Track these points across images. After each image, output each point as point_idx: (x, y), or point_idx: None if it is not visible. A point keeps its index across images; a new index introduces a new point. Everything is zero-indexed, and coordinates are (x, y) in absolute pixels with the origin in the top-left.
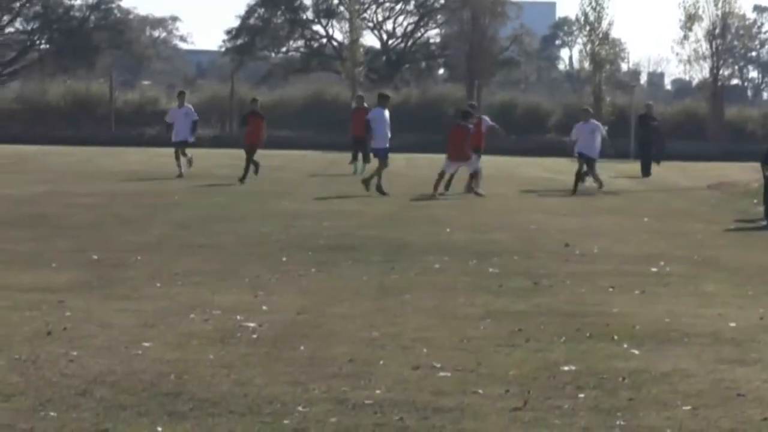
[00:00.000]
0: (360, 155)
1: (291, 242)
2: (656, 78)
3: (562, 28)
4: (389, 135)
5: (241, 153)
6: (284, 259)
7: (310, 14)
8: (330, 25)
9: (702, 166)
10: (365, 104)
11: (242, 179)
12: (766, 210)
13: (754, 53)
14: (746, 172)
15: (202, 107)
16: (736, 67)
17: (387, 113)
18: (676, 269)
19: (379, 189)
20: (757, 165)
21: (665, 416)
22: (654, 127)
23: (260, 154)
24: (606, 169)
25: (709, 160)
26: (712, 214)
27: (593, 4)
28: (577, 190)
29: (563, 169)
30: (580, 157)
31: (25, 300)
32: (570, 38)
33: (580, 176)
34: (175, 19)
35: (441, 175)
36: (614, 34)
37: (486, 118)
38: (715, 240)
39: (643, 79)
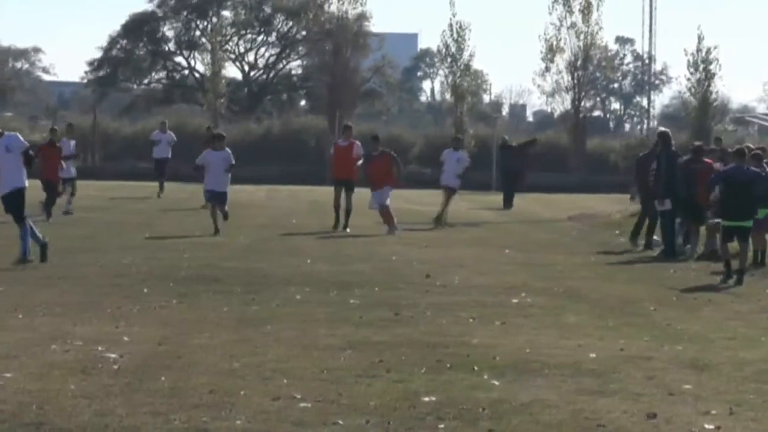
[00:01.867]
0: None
1: (152, 274)
2: (518, 109)
3: (424, 60)
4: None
5: (104, 184)
6: (145, 290)
7: (172, 46)
8: (192, 56)
9: (563, 197)
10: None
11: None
12: (635, 236)
13: (615, 85)
14: (608, 204)
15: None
16: (598, 99)
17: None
18: (537, 300)
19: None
20: (620, 196)
21: None
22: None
23: (117, 186)
24: (468, 201)
25: (570, 192)
26: (573, 245)
27: (454, 35)
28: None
29: (425, 200)
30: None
31: None
32: (432, 70)
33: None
34: (37, 50)
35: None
36: (476, 65)
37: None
38: (576, 272)
39: (505, 110)
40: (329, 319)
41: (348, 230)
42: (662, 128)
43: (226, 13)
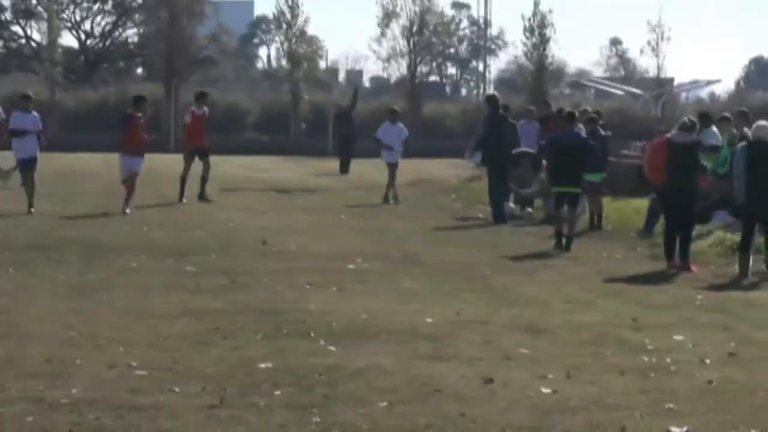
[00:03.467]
0: None
1: None
2: (355, 75)
3: (260, 27)
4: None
5: None
6: None
7: (8, 15)
8: (28, 25)
9: (402, 162)
10: None
11: None
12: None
13: (452, 50)
14: (445, 168)
15: None
16: (434, 64)
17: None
18: (374, 266)
19: None
20: (457, 161)
21: (361, 412)
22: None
23: None
24: (305, 167)
25: (408, 158)
26: (411, 211)
27: (289, 2)
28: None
29: (263, 167)
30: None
31: None
32: (268, 36)
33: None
34: None
35: None
36: (311, 31)
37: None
38: (413, 237)
39: (342, 76)
40: (165, 286)
41: (209, 199)
42: (490, 92)
43: None
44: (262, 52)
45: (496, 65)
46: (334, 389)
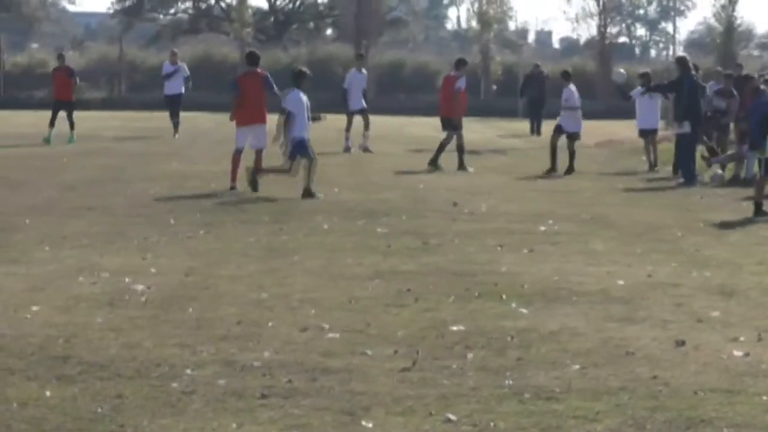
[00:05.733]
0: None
1: (179, 204)
2: (544, 36)
3: None
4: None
5: (131, 115)
6: (172, 221)
7: None
8: None
9: (590, 124)
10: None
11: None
12: (676, 167)
13: (641, 11)
14: (634, 130)
15: (90, 69)
16: (624, 25)
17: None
18: (565, 228)
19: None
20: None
21: (554, 375)
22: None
23: (145, 117)
24: (494, 128)
25: (597, 119)
26: (600, 172)
27: None
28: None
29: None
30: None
31: None
32: None
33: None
34: None
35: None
36: None
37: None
38: (603, 198)
39: (531, 38)
40: (356, 248)
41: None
42: (680, 53)
43: None
44: (452, 12)
45: (685, 26)
46: (527, 352)
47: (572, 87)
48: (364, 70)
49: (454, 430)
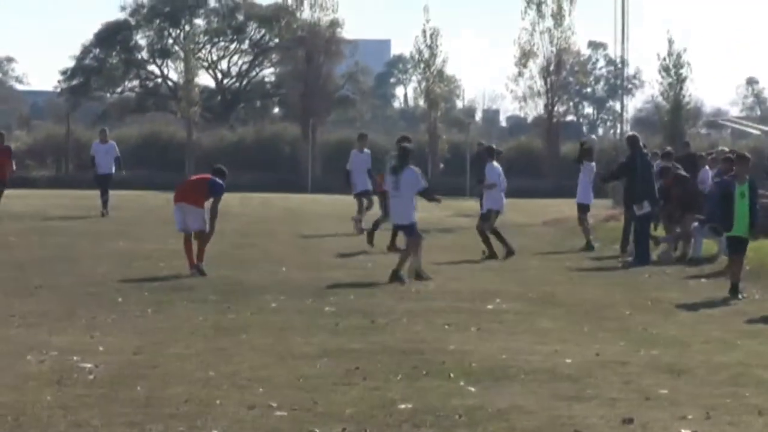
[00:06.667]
0: None
1: (127, 283)
2: (491, 115)
3: (396, 66)
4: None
5: (79, 193)
6: (120, 300)
7: (145, 54)
8: (165, 65)
9: (537, 202)
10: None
11: None
12: (623, 245)
13: (588, 89)
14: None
15: (38, 148)
16: (571, 104)
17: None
18: (512, 306)
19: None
20: (594, 202)
21: None
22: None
23: (92, 195)
24: (443, 208)
25: (544, 197)
26: (548, 250)
27: (427, 41)
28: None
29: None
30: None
31: None
32: (405, 76)
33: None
34: (10, 60)
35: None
36: (449, 71)
37: None
38: (551, 276)
39: (479, 116)
40: (304, 326)
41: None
42: (630, 132)
43: (199, 21)
44: (399, 91)
45: (633, 104)
46: (475, 430)
47: (495, 164)
48: (366, 150)
49: None
